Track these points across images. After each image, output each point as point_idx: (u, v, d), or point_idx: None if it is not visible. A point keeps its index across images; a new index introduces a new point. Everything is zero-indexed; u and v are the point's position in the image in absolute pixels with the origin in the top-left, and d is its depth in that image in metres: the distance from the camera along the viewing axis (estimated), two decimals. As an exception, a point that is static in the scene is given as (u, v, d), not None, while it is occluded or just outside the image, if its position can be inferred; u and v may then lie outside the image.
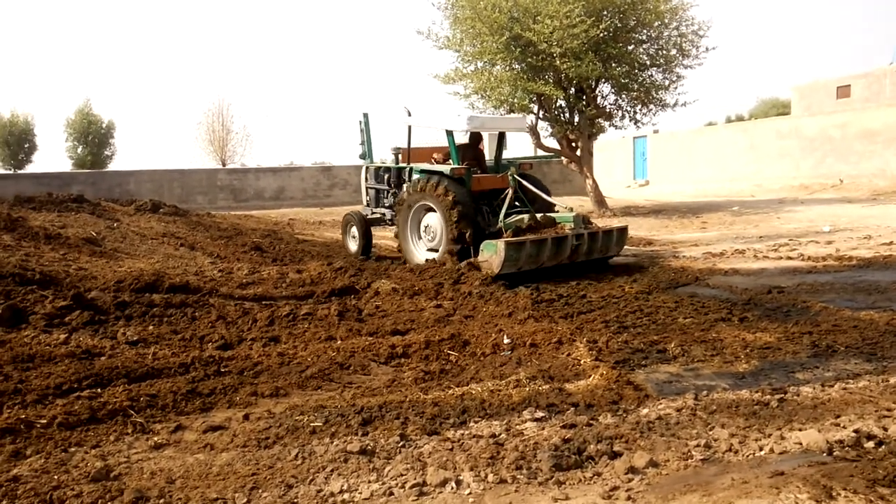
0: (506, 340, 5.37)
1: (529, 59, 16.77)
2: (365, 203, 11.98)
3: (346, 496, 2.98)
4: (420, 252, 9.88)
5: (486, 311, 6.49)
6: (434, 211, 9.45)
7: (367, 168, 11.87)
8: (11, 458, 3.34)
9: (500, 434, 3.62)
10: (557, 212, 9.47)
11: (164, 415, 4.00)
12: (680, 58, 18.05)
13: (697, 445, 3.38)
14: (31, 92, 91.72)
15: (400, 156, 11.05)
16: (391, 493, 3.01)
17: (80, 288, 6.56)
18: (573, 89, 18.26)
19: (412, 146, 10.54)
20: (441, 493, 3.01)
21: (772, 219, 15.32)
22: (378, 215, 11.47)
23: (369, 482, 3.10)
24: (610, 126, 19.69)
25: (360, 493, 3.01)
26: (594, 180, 19.32)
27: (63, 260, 8.22)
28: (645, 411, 3.91)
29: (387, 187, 11.23)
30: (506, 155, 11.77)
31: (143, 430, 3.75)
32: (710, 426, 3.64)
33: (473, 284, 7.62)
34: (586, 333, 5.59)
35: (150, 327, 5.77)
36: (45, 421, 3.74)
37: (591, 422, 3.75)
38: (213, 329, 5.81)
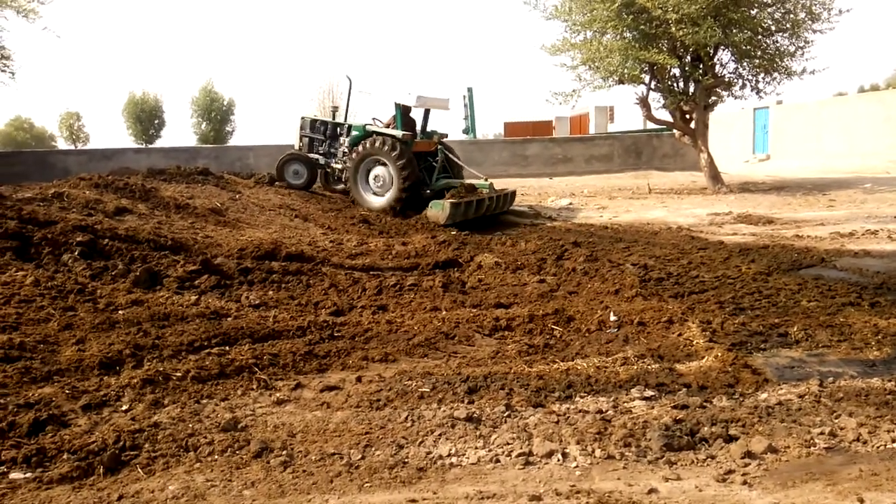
0: (612, 318, 5.27)
1: (642, 27, 16.00)
2: (297, 148, 14.56)
3: (453, 459, 3.07)
4: (368, 197, 12.70)
5: (591, 288, 6.39)
6: (383, 164, 12.39)
7: (303, 118, 14.61)
8: (152, 407, 3.68)
9: (606, 410, 3.58)
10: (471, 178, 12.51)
11: (285, 373, 4.27)
12: (809, 22, 16.53)
13: (821, 433, 3.21)
14: (160, 73, 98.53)
15: (336, 113, 14.26)
16: (497, 461, 3.07)
17: (207, 254, 7.04)
18: (689, 57, 17.25)
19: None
20: (547, 464, 3.03)
21: (910, 197, 13.97)
22: (314, 159, 14.26)
23: (476, 448, 3.17)
24: (729, 96, 18.46)
25: (468, 457, 3.09)
26: (709, 154, 18.24)
27: (191, 228, 8.83)
28: (763, 396, 3.74)
29: (322, 137, 14.16)
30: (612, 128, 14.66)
31: (266, 387, 4.02)
32: (835, 414, 3.43)
33: (577, 261, 7.50)
34: (699, 314, 5.39)
35: (270, 292, 6.13)
36: (179, 374, 4.09)
37: (704, 404, 3.63)
38: (326, 296, 6.09)
